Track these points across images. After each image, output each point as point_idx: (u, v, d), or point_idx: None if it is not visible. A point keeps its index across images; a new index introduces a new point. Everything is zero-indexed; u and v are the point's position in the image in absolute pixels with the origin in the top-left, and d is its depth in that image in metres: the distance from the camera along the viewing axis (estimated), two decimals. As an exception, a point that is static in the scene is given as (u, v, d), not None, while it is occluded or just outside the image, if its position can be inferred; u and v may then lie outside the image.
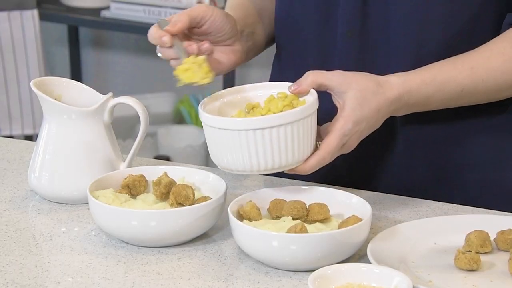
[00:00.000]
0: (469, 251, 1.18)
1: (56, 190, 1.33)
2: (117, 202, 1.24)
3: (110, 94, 1.34)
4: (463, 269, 1.16)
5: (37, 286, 1.14)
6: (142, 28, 2.91)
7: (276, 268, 1.17)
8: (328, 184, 1.34)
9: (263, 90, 1.27)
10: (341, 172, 1.37)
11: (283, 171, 1.22)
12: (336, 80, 1.21)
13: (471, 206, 1.32)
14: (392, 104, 1.23)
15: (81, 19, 3.00)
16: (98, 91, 1.36)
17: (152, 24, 1.31)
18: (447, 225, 1.24)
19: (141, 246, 1.22)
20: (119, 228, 1.21)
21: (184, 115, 3.20)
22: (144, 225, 1.20)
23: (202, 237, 1.24)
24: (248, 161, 1.19)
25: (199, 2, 2.86)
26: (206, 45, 1.28)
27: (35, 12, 2.90)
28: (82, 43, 3.31)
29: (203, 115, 1.22)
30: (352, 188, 1.34)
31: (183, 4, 2.88)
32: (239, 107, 1.26)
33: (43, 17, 2.95)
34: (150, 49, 3.56)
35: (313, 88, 1.22)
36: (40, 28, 2.91)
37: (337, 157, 1.23)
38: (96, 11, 2.99)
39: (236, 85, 2.91)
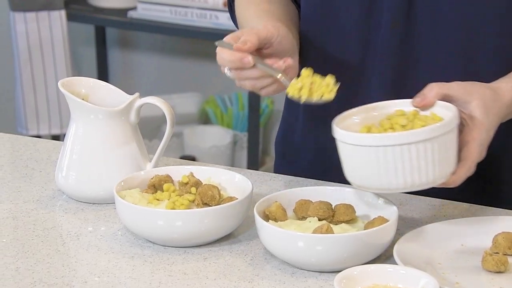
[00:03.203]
0: (497, 252, 1.18)
1: (83, 190, 1.33)
2: (144, 202, 1.25)
3: (136, 94, 1.35)
4: (490, 271, 1.15)
5: (64, 285, 1.14)
6: (168, 29, 2.92)
7: (302, 269, 1.17)
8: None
9: (376, 111, 1.22)
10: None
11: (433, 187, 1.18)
12: (459, 90, 1.20)
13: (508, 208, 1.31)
14: (508, 108, 1.24)
15: (108, 19, 3.01)
16: (124, 91, 1.36)
17: (178, 25, 1.30)
18: (474, 227, 1.23)
19: (167, 246, 1.23)
20: (146, 228, 1.22)
21: (209, 115, 3.20)
22: (170, 225, 1.20)
23: (228, 237, 1.25)
24: (394, 179, 1.14)
25: (225, 4, 2.86)
26: (289, 60, 1.24)
27: (63, 12, 2.91)
28: (109, 44, 3.32)
29: (342, 133, 1.17)
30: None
31: (209, 4, 2.88)
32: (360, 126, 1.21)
33: (70, 17, 2.97)
34: (176, 50, 3.58)
35: (438, 99, 1.20)
36: (68, 28, 2.93)
37: None
38: (123, 11, 3.00)
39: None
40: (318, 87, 1.22)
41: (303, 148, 1.43)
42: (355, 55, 1.34)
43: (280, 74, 1.23)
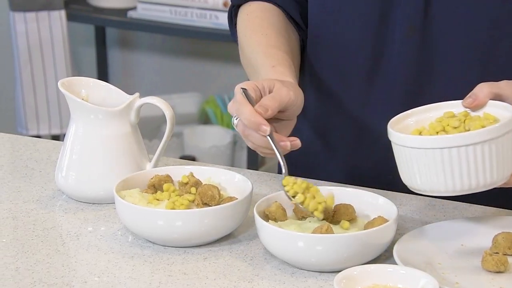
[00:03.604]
0: (497, 252, 1.18)
1: (83, 190, 1.33)
2: (143, 202, 1.25)
3: (136, 94, 1.35)
4: (490, 271, 1.15)
5: (64, 285, 1.14)
6: (168, 29, 2.92)
7: (301, 269, 1.17)
8: (354, 184, 1.34)
9: (424, 114, 1.21)
10: (368, 173, 1.37)
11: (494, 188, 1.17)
12: (509, 89, 1.19)
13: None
14: None
15: (108, 19, 3.01)
16: (124, 91, 1.36)
17: (178, 25, 1.29)
18: (474, 227, 1.23)
19: (167, 246, 1.23)
20: (145, 228, 1.22)
21: (209, 115, 3.20)
22: (170, 225, 1.20)
23: (228, 237, 1.25)
24: (458, 180, 1.13)
25: (225, 4, 2.86)
26: (297, 141, 1.23)
27: (63, 12, 2.91)
28: (109, 44, 3.32)
29: (399, 136, 1.15)
30: (379, 188, 1.34)
31: (209, 4, 2.88)
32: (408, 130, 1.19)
33: (70, 17, 2.97)
34: (176, 50, 3.58)
35: (490, 99, 1.19)
36: (68, 28, 2.93)
37: (363, 158, 1.22)
38: (123, 11, 3.00)
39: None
40: (312, 200, 1.19)
41: (310, 151, 1.42)
42: (365, 66, 1.33)
43: (284, 171, 1.21)
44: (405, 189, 1.35)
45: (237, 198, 1.25)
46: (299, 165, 1.44)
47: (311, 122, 1.42)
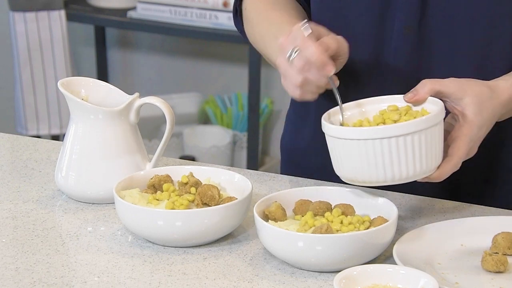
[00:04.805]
0: (496, 252, 1.18)
1: (83, 190, 1.33)
2: (143, 202, 1.25)
3: (136, 94, 1.35)
4: (490, 271, 1.15)
5: (63, 285, 1.14)
6: (168, 29, 2.92)
7: (301, 269, 1.17)
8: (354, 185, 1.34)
9: (371, 105, 1.24)
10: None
11: (415, 180, 1.19)
12: (452, 87, 1.20)
13: None
14: (504, 107, 1.23)
15: (107, 19, 3.01)
16: (124, 91, 1.36)
17: (178, 25, 1.28)
18: (474, 227, 1.23)
19: (167, 246, 1.23)
20: (145, 228, 1.22)
21: (209, 115, 3.20)
22: (170, 225, 1.20)
23: (227, 237, 1.25)
24: (382, 172, 1.16)
25: (225, 4, 2.86)
26: (337, 81, 1.23)
27: (62, 12, 2.91)
28: (108, 44, 3.32)
29: (330, 127, 1.19)
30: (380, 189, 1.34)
31: (209, 4, 2.88)
32: (350, 123, 1.22)
33: (70, 17, 2.97)
34: (176, 50, 3.57)
35: (431, 96, 1.20)
36: (67, 28, 2.93)
37: None
38: (123, 11, 3.00)
39: (261, 85, 2.92)
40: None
41: (311, 152, 1.42)
42: (367, 62, 1.33)
43: (339, 99, 1.22)
44: (405, 189, 1.35)
45: (236, 198, 1.25)
46: (300, 165, 1.44)
47: (311, 121, 1.42)
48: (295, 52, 1.20)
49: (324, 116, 1.22)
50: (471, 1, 1.28)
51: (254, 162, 2.94)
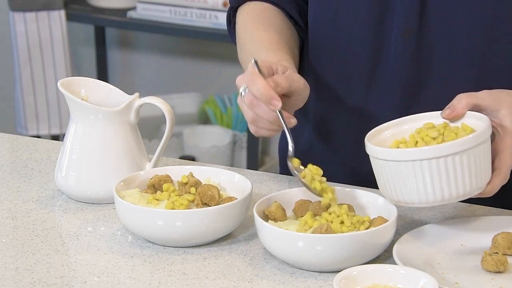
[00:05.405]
0: (496, 252, 1.18)
1: (83, 190, 1.33)
2: (143, 202, 1.25)
3: (136, 94, 1.35)
4: (490, 271, 1.15)
5: (63, 285, 1.14)
6: (168, 29, 2.92)
7: (301, 269, 1.17)
8: (355, 184, 1.34)
9: (404, 125, 1.22)
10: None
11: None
12: (488, 99, 1.20)
13: None
14: None
15: (107, 19, 3.01)
16: (124, 91, 1.36)
17: (178, 25, 1.28)
18: (474, 227, 1.23)
19: (167, 246, 1.23)
20: (145, 228, 1.22)
21: (209, 115, 3.20)
22: (170, 225, 1.20)
23: (227, 237, 1.25)
24: (431, 193, 1.14)
25: (224, 4, 2.86)
26: (293, 120, 1.24)
27: (62, 12, 2.91)
28: (108, 44, 3.32)
29: (375, 149, 1.17)
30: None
31: (209, 4, 2.88)
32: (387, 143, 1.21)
33: (70, 17, 2.97)
34: (176, 50, 3.58)
35: (468, 110, 1.19)
36: (67, 28, 2.93)
37: (363, 160, 1.22)
38: (123, 11, 3.00)
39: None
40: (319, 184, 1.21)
41: (310, 158, 1.42)
42: (366, 67, 1.33)
43: (286, 130, 1.22)
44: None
45: (236, 198, 1.25)
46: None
47: (312, 124, 1.42)
48: (244, 90, 1.22)
49: (367, 137, 1.19)
50: (470, 3, 1.27)
51: (254, 162, 2.94)
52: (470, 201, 1.34)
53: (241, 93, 1.22)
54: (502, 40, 1.29)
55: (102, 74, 3.28)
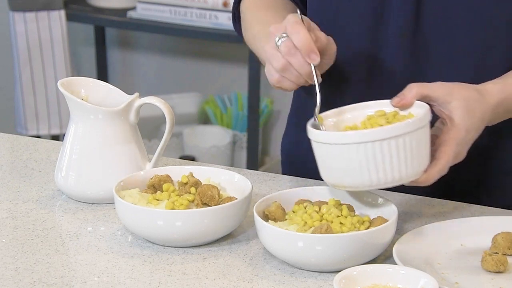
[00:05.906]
0: (496, 252, 1.18)
1: (83, 190, 1.33)
2: (143, 202, 1.25)
3: (136, 94, 1.35)
4: (490, 271, 1.15)
5: (63, 285, 1.14)
6: (168, 29, 2.92)
7: (301, 269, 1.17)
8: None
9: (358, 111, 1.23)
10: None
11: (402, 184, 1.18)
12: (440, 91, 1.20)
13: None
14: (493, 111, 1.22)
15: (107, 19, 3.01)
16: (124, 91, 1.36)
17: (178, 25, 1.28)
18: (474, 227, 1.23)
19: (167, 246, 1.23)
20: (145, 228, 1.22)
21: (209, 115, 3.20)
22: (170, 225, 1.20)
23: (227, 237, 1.25)
24: (367, 176, 1.15)
25: (224, 4, 2.86)
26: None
27: (62, 12, 2.91)
28: (108, 44, 3.32)
29: (315, 133, 1.18)
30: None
31: (209, 4, 2.88)
32: (337, 129, 1.22)
33: (70, 17, 2.97)
34: (176, 50, 3.57)
35: (418, 100, 1.20)
36: (67, 28, 2.93)
37: None
38: (123, 11, 3.00)
39: (261, 85, 2.92)
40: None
41: (312, 158, 1.42)
42: (363, 68, 1.33)
43: (317, 85, 1.21)
44: (404, 189, 1.35)
45: (236, 198, 1.25)
46: (300, 166, 1.44)
47: None
48: (283, 37, 1.20)
49: (310, 122, 1.21)
50: (467, 4, 1.27)
51: (254, 162, 2.94)
52: (470, 201, 1.34)
53: (276, 40, 1.20)
54: (500, 40, 1.29)
55: (102, 74, 3.28)
